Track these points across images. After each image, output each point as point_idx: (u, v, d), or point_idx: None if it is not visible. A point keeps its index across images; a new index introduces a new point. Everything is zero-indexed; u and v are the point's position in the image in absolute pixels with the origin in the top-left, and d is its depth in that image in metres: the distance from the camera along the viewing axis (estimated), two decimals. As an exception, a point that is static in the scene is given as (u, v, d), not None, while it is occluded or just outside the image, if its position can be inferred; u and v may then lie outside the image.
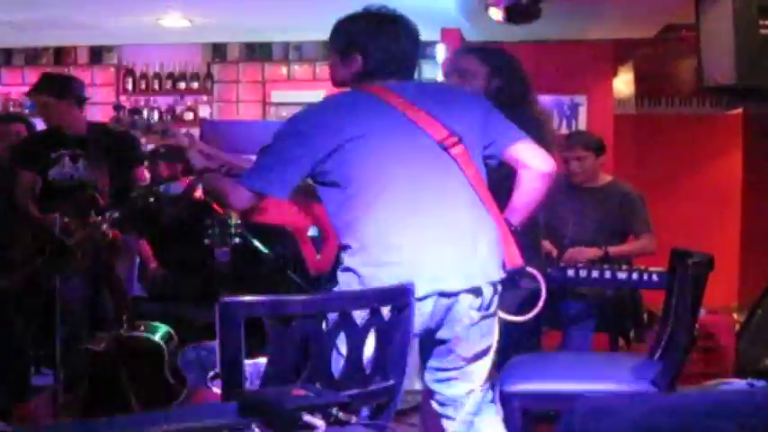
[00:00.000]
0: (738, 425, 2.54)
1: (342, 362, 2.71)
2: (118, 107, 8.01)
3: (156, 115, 10.05)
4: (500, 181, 3.40)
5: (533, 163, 3.35)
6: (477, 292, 3.21)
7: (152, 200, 5.18)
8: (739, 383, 4.71)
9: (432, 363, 3.41)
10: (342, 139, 3.21)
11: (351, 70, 3.39)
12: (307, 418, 1.87)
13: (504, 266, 3.29)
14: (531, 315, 3.33)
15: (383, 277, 3.08)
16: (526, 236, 3.46)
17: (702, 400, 2.64)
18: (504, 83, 4.04)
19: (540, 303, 3.32)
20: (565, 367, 4.06)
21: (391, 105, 3.27)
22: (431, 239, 3.18)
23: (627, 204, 5.59)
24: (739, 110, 8.71)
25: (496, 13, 6.43)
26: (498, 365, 3.60)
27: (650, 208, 5.77)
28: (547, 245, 5.27)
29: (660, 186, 9.03)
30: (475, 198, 3.26)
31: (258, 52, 10.34)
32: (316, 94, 7.58)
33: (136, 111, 9.15)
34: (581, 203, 5.54)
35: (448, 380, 3.38)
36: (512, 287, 3.35)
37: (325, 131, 3.25)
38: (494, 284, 3.26)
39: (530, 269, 3.33)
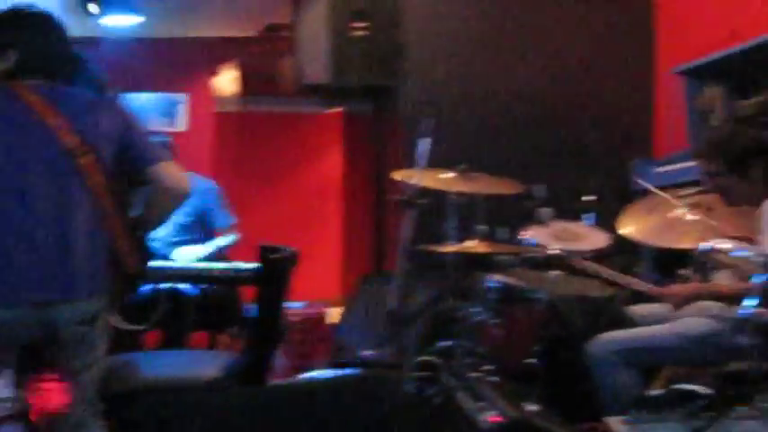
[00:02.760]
0: (324, 412, 2.63)
1: None
2: None
3: None
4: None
5: (171, 183, 3.32)
6: (73, 302, 3.09)
7: None
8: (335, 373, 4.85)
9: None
10: None
11: None
12: None
13: (122, 273, 3.21)
14: (149, 323, 3.26)
15: None
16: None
17: (278, 391, 2.69)
18: None
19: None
20: (153, 365, 3.97)
21: (26, 105, 3.12)
22: (22, 248, 3.03)
23: (208, 198, 5.62)
24: (339, 108, 9.03)
25: (95, 8, 6.34)
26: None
27: (255, 205, 5.84)
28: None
29: (264, 184, 9.20)
30: (90, 209, 3.15)
31: None
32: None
33: None
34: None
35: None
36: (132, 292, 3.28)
37: None
38: (92, 294, 3.15)
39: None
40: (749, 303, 2.73)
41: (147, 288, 4.79)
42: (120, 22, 7.02)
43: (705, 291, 3.62)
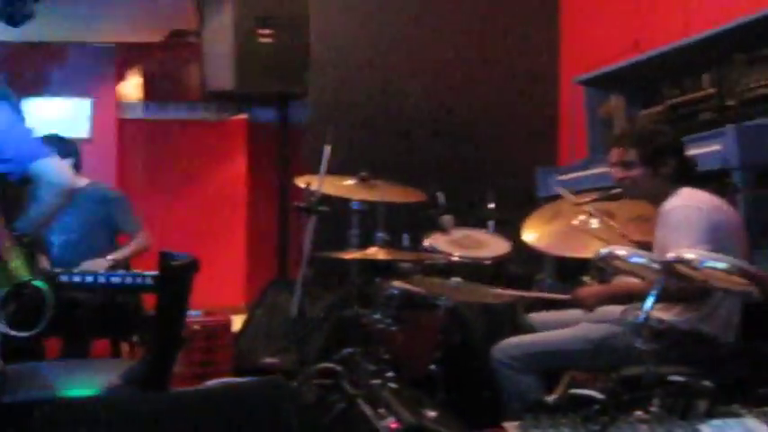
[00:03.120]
0: (225, 419, 2.59)
1: None
2: None
3: None
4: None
5: (54, 178, 3.25)
6: None
7: None
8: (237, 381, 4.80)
9: None
10: None
11: None
12: None
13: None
14: (37, 329, 3.16)
15: None
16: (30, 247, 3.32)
17: (178, 399, 2.64)
18: None
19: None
20: (51, 375, 3.88)
21: None
22: None
23: (113, 206, 5.52)
24: (244, 115, 8.98)
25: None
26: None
27: (159, 212, 5.74)
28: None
29: (169, 191, 9.08)
30: None
31: None
32: None
33: None
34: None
35: None
36: (16, 299, 3.18)
37: None
38: None
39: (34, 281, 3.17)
40: (645, 308, 2.78)
41: (37, 293, 4.66)
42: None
43: (618, 291, 3.67)
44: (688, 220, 3.38)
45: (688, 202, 3.47)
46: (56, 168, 3.32)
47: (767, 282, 2.72)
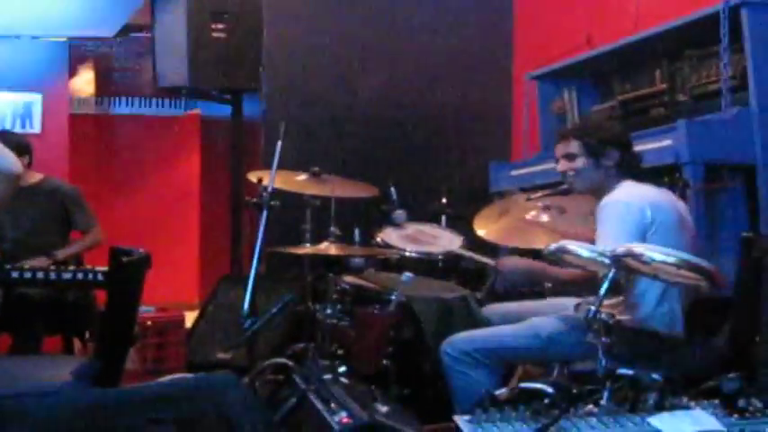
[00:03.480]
0: (175, 415, 2.57)
1: None
2: None
3: None
4: None
5: (3, 164, 3.19)
6: None
7: None
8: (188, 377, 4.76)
9: None
10: None
11: None
12: None
13: None
14: None
15: None
16: None
17: (129, 395, 2.62)
18: None
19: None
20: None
21: None
22: None
23: (67, 200, 5.46)
24: (197, 110, 8.91)
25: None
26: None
27: (112, 208, 5.69)
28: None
29: (122, 186, 8.99)
30: None
31: None
32: None
33: None
34: (14, 204, 5.30)
35: None
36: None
37: None
38: None
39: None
40: (596, 303, 2.80)
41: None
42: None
43: (537, 269, 3.70)
44: (617, 215, 3.42)
45: (621, 197, 3.50)
46: (4, 154, 3.26)
47: (716, 276, 2.75)
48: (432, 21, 6.56)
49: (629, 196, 3.49)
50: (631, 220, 3.38)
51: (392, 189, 4.99)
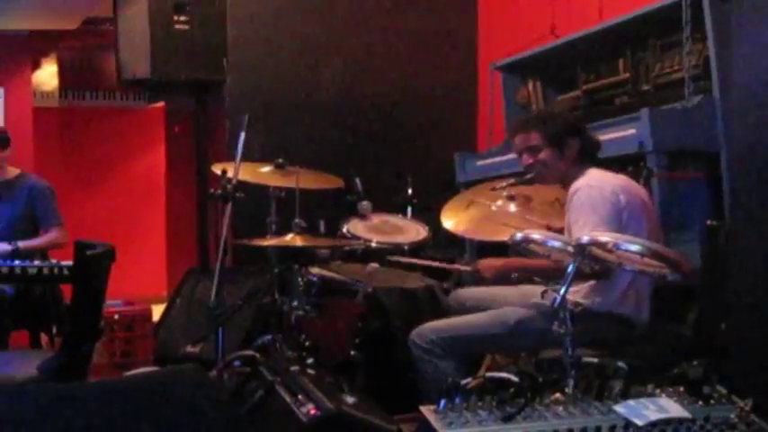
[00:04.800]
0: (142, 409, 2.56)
1: None
2: None
3: None
4: None
5: None
6: None
7: None
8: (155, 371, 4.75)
9: None
10: None
11: None
12: None
13: None
14: None
15: None
16: None
17: (95, 389, 2.61)
18: None
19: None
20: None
21: None
22: None
23: (37, 197, 5.43)
24: (161, 103, 8.87)
25: None
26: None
27: (77, 202, 5.65)
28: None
29: (87, 180, 8.95)
30: None
31: None
32: None
33: None
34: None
35: None
36: None
37: None
38: None
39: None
40: (561, 291, 2.81)
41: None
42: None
43: (517, 264, 3.71)
44: (591, 201, 3.42)
45: (592, 182, 3.51)
46: None
47: (680, 263, 2.77)
48: (396, 10, 6.55)
49: (601, 182, 3.51)
50: (608, 206, 3.39)
51: (357, 180, 4.99)
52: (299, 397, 3.19)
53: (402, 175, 5.47)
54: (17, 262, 4.72)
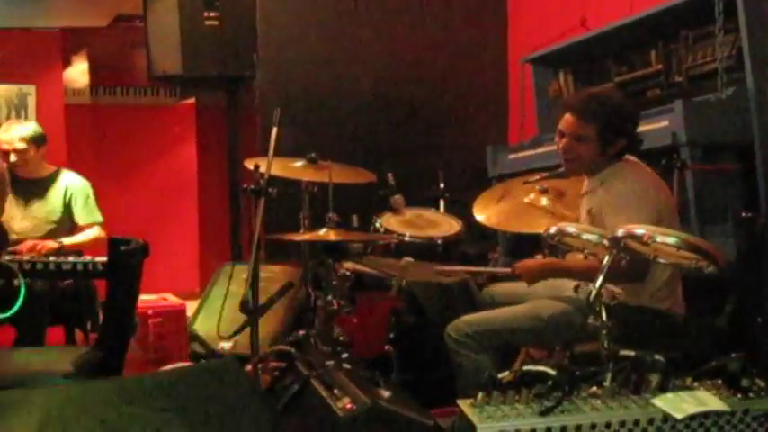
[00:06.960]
0: (178, 404, 2.57)
1: None
2: None
3: None
4: None
5: None
6: None
7: None
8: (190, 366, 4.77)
9: None
10: None
11: None
12: None
13: None
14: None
15: None
16: None
17: (132, 385, 2.62)
18: None
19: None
20: (5, 363, 3.83)
21: None
22: None
23: (74, 194, 5.47)
24: (192, 99, 8.91)
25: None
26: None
27: (109, 199, 5.68)
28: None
29: (119, 177, 9.00)
30: None
31: None
32: None
33: None
34: (25, 195, 5.34)
35: None
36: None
37: None
38: None
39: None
40: (597, 284, 2.79)
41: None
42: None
43: (556, 266, 3.68)
44: (637, 198, 3.39)
45: (634, 178, 3.48)
46: None
47: (716, 256, 2.75)
48: (426, 5, 6.55)
49: (641, 178, 3.49)
50: (649, 203, 3.37)
51: (389, 174, 4.99)
52: (335, 392, 3.20)
53: (434, 169, 5.47)
54: (52, 258, 4.76)
